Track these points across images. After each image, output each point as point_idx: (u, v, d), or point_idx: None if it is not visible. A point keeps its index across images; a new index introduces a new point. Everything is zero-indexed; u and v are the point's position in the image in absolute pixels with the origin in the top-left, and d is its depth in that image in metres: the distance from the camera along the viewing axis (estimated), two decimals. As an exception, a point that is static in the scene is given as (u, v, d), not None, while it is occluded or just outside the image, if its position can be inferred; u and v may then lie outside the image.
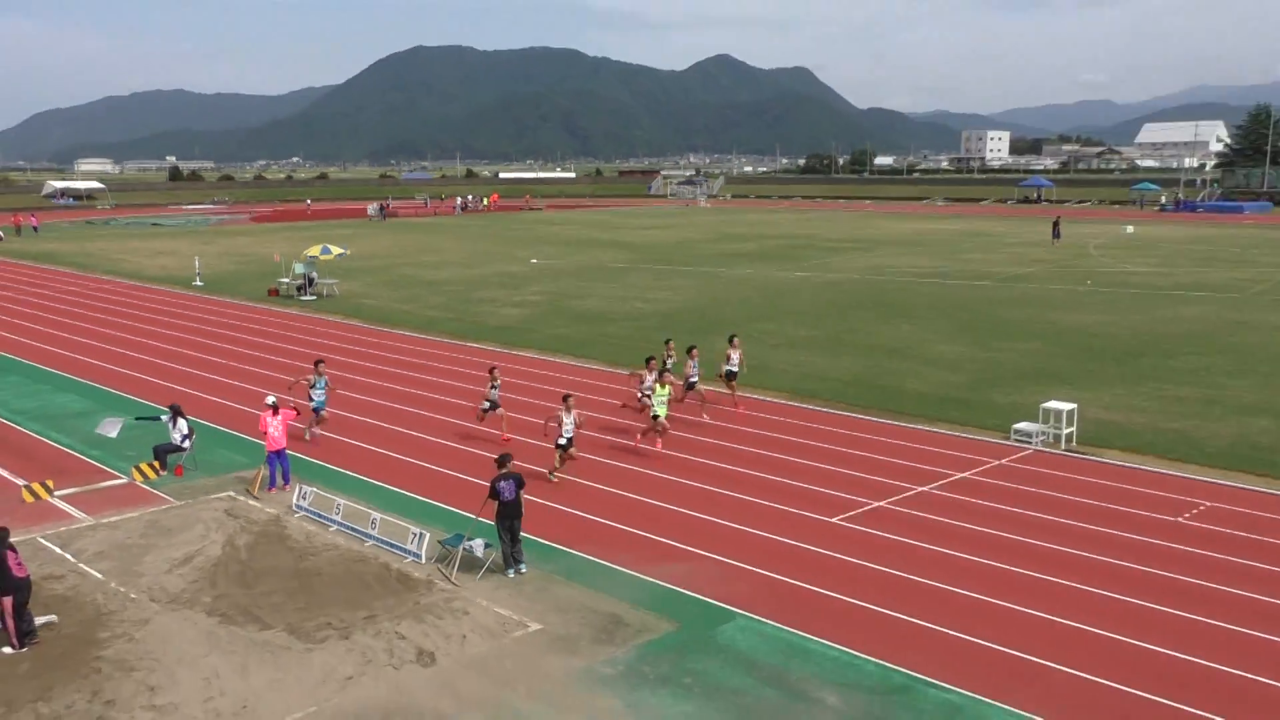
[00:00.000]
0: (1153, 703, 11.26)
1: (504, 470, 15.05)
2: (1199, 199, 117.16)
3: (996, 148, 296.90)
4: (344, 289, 47.52)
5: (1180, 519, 16.96)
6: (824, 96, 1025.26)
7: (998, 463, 20.29)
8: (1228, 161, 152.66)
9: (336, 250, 48.63)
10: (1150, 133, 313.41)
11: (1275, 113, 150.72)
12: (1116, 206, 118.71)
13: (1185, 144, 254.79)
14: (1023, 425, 21.94)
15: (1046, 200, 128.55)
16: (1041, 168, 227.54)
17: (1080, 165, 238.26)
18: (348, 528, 16.52)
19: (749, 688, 11.63)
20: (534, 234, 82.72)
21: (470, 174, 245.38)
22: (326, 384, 22.14)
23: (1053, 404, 22.15)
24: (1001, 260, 59.18)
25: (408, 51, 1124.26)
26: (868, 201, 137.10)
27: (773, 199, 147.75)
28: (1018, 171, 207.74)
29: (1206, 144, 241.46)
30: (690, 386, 24.18)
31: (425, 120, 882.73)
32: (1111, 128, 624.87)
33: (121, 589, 14.43)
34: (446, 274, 54.29)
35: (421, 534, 15.55)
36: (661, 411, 20.86)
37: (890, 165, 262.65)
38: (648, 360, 22.76)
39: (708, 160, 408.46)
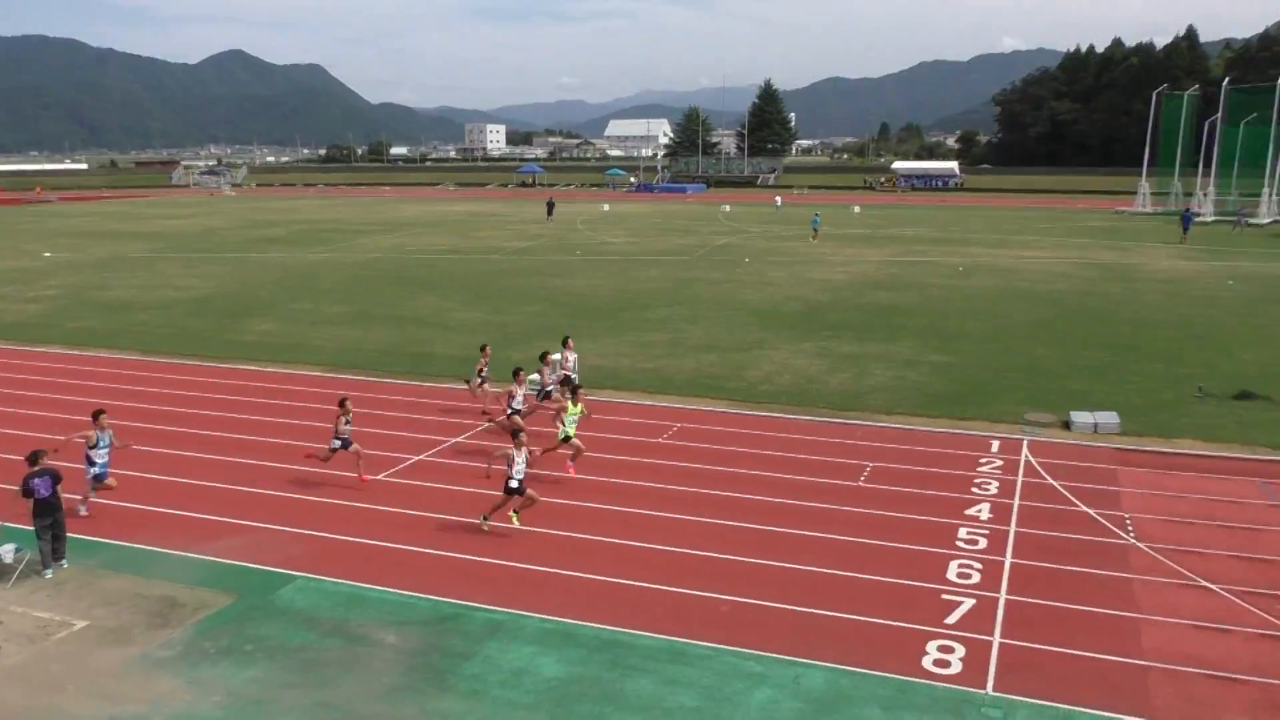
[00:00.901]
0: (657, 590, 12.27)
1: (37, 468, 12.85)
2: (655, 182, 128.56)
3: (496, 139, 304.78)
4: None
5: (660, 440, 18.59)
6: (338, 91, 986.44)
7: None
8: (673, 151, 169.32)
9: None
10: (615, 128, 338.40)
11: (702, 114, 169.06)
12: (595, 188, 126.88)
13: (641, 137, 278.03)
14: (531, 376, 22.76)
15: (540, 184, 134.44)
16: (534, 156, 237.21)
17: (564, 154, 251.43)
18: None
19: (312, 642, 11.03)
20: (45, 227, 71.61)
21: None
22: (112, 441, 14.95)
23: (556, 356, 23.18)
24: (507, 236, 61.00)
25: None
26: (387, 188, 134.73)
27: (297, 186, 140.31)
28: (515, 160, 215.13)
29: (656, 137, 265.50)
30: (545, 395, 19.63)
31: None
32: (586, 123, 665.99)
33: None
34: (-53, 271, 45.45)
35: (-61, 549, 12.90)
36: (571, 431, 16.57)
37: (405, 155, 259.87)
38: (516, 373, 18.34)
39: (229, 151, 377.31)
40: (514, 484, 14.07)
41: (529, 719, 9.56)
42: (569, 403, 16.89)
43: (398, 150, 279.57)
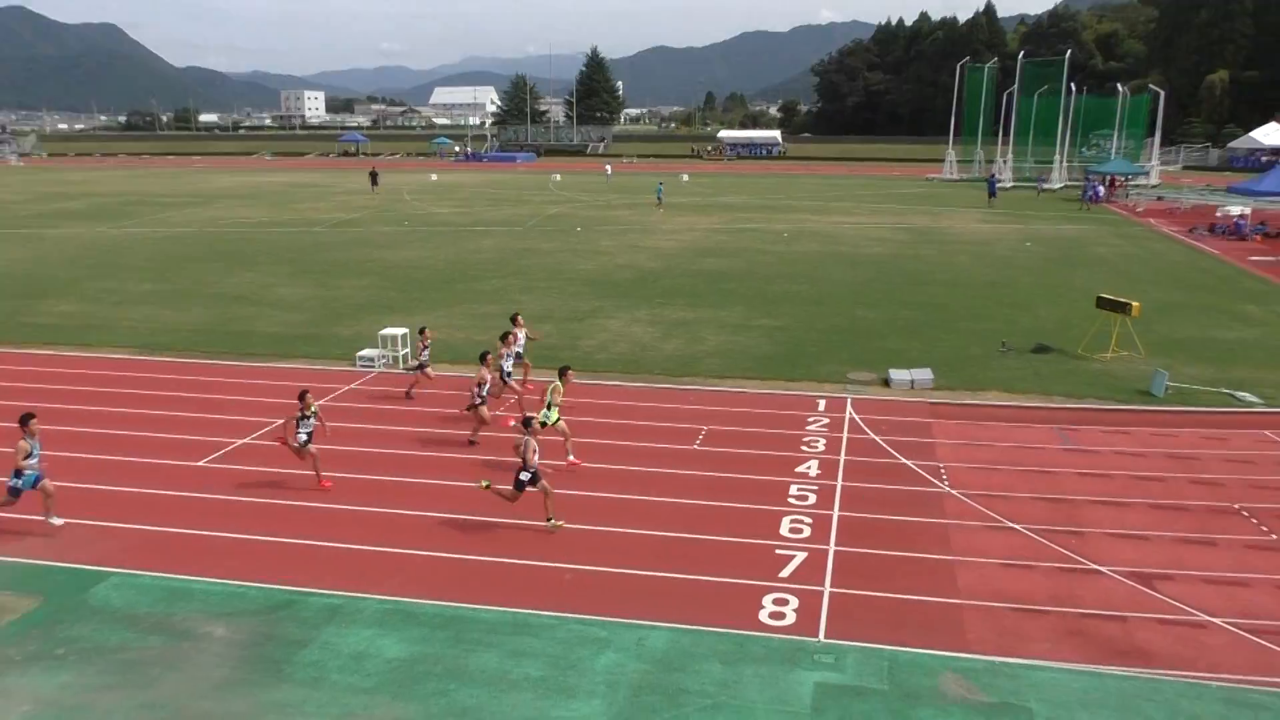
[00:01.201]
0: (499, 564, 12.20)
1: None
2: (484, 151, 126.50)
3: (314, 106, 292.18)
4: None
5: (496, 412, 18.41)
6: (138, 54, 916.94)
7: (348, 387, 20.29)
8: (501, 120, 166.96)
9: None
10: (441, 95, 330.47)
11: (530, 82, 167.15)
12: (422, 158, 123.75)
13: (468, 105, 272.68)
14: (366, 352, 22.17)
15: (364, 153, 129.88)
16: (356, 124, 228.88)
17: (388, 123, 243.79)
18: None
19: (131, 641, 10.39)
20: None
21: None
22: (40, 449, 13.21)
23: (388, 330, 22.65)
24: (330, 208, 58.71)
25: None
26: (197, 157, 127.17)
27: (95, 156, 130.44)
28: (335, 128, 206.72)
29: (484, 105, 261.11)
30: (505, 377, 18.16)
31: None
32: (410, 90, 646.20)
33: None
34: None
35: None
36: (555, 416, 15.42)
37: (216, 123, 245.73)
38: (483, 356, 17.30)
39: (14, 118, 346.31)
40: (525, 476, 13.05)
41: (371, 702, 9.35)
42: (559, 383, 15.70)
43: (208, 118, 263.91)
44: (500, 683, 9.62)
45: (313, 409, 14.62)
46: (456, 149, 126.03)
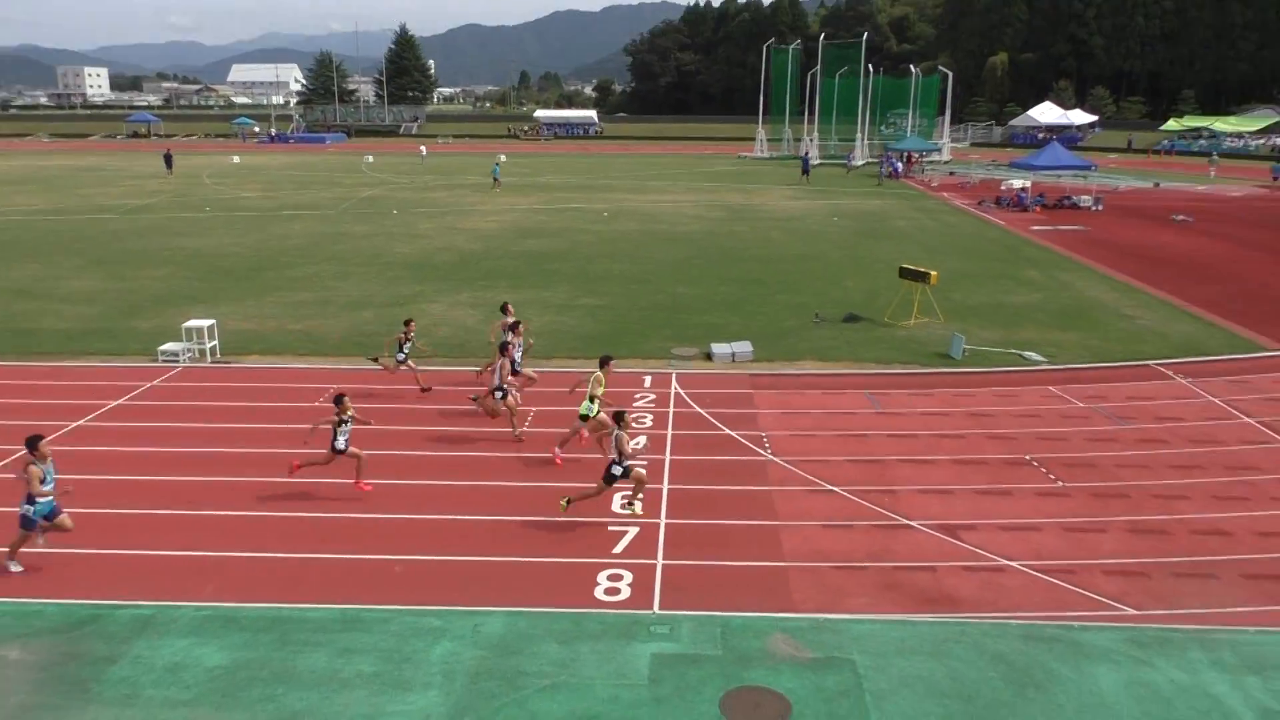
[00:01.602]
0: (325, 560, 11.76)
1: None
2: (290, 131, 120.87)
3: (97, 84, 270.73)
4: None
5: (316, 402, 17.70)
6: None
7: (150, 384, 19.00)
8: (307, 99, 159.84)
9: None
10: (239, 73, 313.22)
11: (336, 59, 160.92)
12: (222, 139, 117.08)
13: (270, 84, 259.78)
14: (168, 346, 20.82)
15: (157, 135, 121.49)
16: (146, 104, 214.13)
17: (182, 102, 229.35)
18: None
19: (-89, 675, 9.42)
20: None
21: None
22: (55, 473, 11.63)
23: (193, 322, 21.34)
24: (121, 193, 54.66)
25: None
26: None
27: None
28: (122, 108, 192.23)
29: (288, 84, 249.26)
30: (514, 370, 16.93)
31: None
32: (204, 67, 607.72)
33: None
34: None
35: None
36: (594, 409, 14.77)
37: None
38: (503, 347, 16.22)
39: None
40: (618, 471, 12.69)
41: (192, 715, 8.84)
42: (600, 373, 15.01)
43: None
44: (331, 682, 9.30)
45: (349, 413, 13.67)
46: (257, 129, 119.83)
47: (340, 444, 13.63)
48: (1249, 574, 11.58)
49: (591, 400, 14.86)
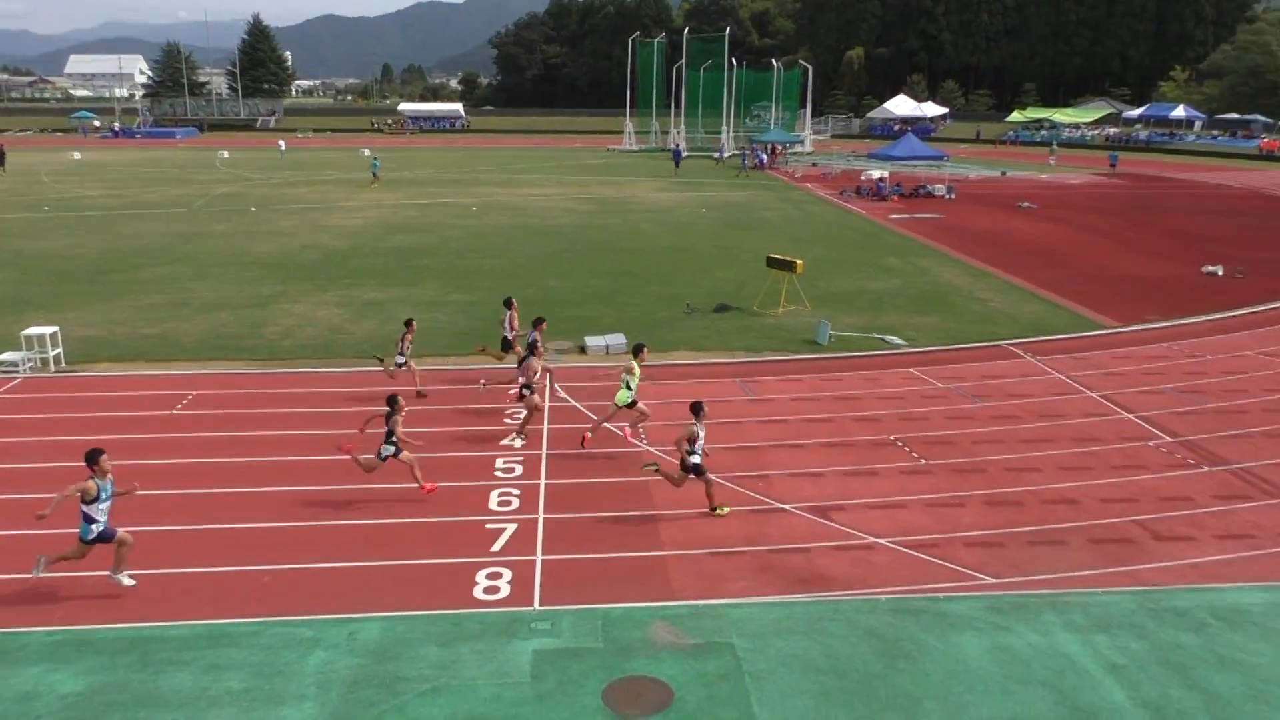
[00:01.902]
0: (187, 575, 11.25)
1: None
2: (136, 126, 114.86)
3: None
4: None
5: (174, 410, 16.91)
6: None
7: (-14, 398, 17.76)
8: (154, 92, 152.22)
9: None
10: (78, 64, 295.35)
11: (185, 50, 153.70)
12: (60, 134, 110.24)
13: (113, 75, 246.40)
14: (6, 355, 19.48)
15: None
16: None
17: (13, 94, 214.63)
18: None
19: None
20: None
21: None
22: (114, 490, 10.85)
23: (34, 330, 20.03)
24: (-53, 193, 50.84)
25: None
26: None
27: None
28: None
29: (132, 76, 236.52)
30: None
31: None
32: (37, 58, 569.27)
33: None
34: None
35: None
36: (629, 398, 15.33)
37: None
38: (532, 346, 16.22)
39: None
40: (695, 461, 12.79)
41: (45, 748, 8.33)
42: (634, 362, 15.46)
43: None
44: (199, 701, 8.91)
45: (403, 413, 13.37)
46: (99, 124, 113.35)
47: (390, 450, 13.24)
48: (1095, 539, 12.33)
49: (628, 388, 15.32)
